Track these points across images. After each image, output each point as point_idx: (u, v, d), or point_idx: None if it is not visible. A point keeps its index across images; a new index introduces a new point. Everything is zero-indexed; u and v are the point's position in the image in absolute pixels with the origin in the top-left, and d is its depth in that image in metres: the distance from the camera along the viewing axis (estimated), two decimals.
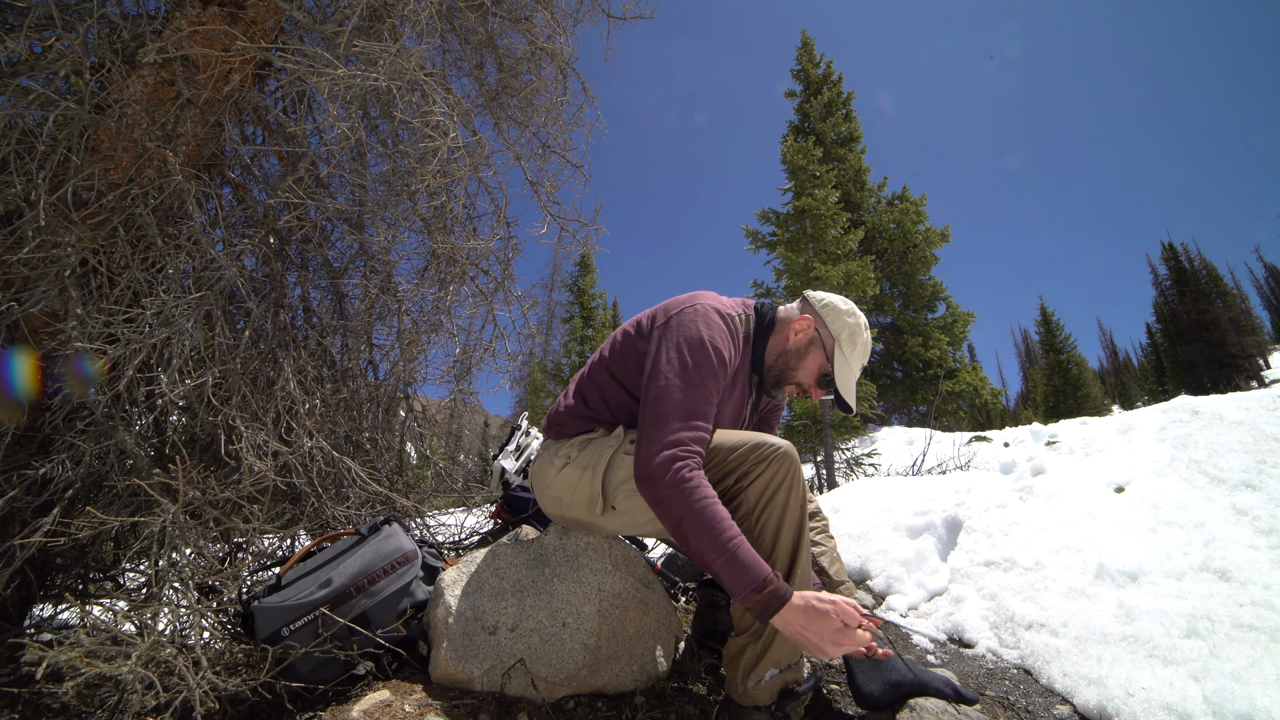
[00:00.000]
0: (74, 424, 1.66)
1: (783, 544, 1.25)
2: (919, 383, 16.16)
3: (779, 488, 1.25)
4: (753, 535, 1.25)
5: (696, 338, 1.30)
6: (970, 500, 2.62)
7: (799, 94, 18.88)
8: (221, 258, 1.89)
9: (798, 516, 1.26)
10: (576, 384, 1.53)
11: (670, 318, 1.36)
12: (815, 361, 1.47)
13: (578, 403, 1.48)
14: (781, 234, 13.39)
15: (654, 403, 1.25)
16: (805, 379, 1.48)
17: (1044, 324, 26.79)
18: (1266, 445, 2.45)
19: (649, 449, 1.20)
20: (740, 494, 1.27)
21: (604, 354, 1.49)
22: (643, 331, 1.42)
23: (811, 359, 1.47)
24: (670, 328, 1.34)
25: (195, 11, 1.99)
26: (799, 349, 1.47)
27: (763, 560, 1.14)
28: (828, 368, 1.47)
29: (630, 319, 1.51)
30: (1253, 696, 1.31)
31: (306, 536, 2.08)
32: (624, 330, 1.48)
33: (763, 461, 1.26)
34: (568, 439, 1.47)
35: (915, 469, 6.39)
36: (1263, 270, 44.16)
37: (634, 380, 1.41)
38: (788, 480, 1.26)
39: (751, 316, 1.51)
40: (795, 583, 1.24)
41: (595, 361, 1.51)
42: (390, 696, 1.26)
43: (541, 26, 2.70)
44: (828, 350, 1.47)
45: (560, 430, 1.49)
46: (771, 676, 1.23)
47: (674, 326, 1.33)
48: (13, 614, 1.74)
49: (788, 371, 1.49)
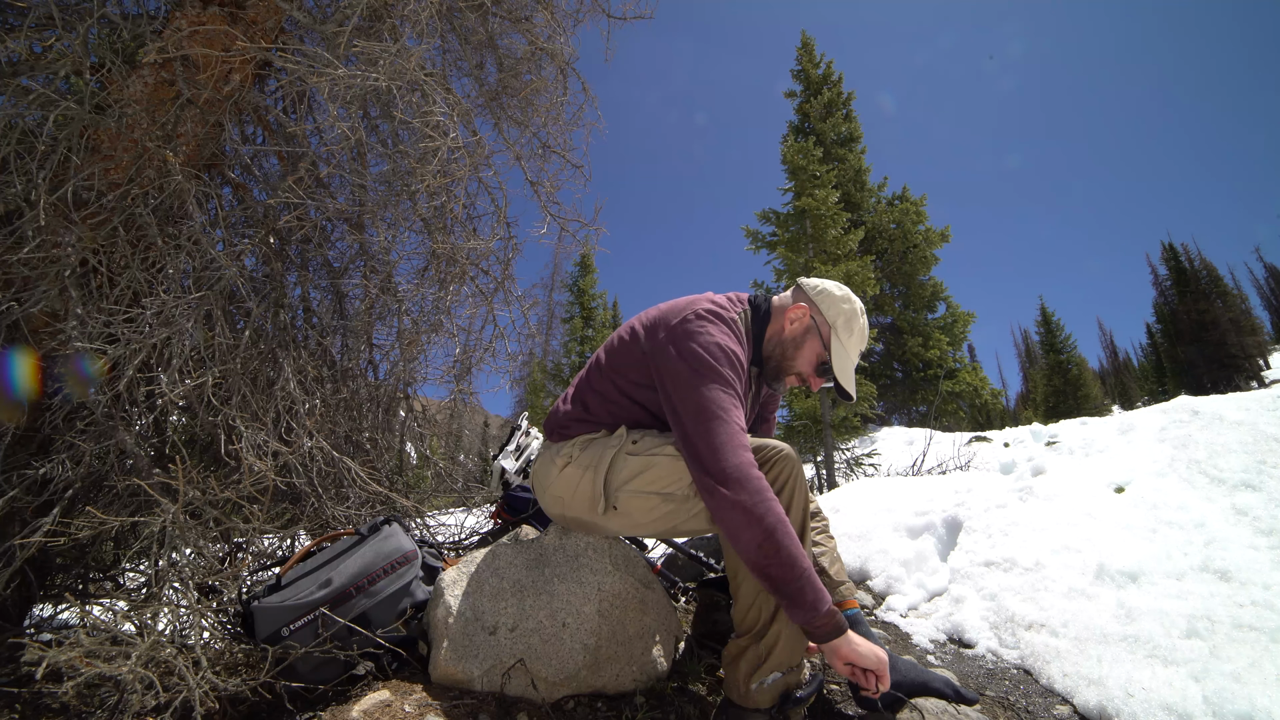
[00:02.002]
0: (74, 424, 1.66)
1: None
2: (919, 383, 16.17)
3: (780, 490, 1.25)
4: None
5: (715, 343, 1.30)
6: (970, 500, 2.62)
7: (799, 94, 18.89)
8: (221, 258, 1.89)
9: (800, 520, 1.26)
10: (575, 389, 1.53)
11: (678, 326, 1.34)
12: (813, 350, 1.47)
13: (577, 408, 1.49)
14: (782, 234, 13.39)
15: (697, 411, 1.23)
16: (804, 368, 1.48)
17: (1044, 324, 26.81)
18: (1266, 445, 2.45)
19: (719, 457, 1.18)
20: None
21: (601, 360, 1.49)
22: (639, 338, 1.41)
23: (809, 347, 1.47)
24: (683, 335, 1.32)
25: (195, 11, 1.99)
26: (795, 338, 1.47)
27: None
28: (825, 355, 1.46)
29: (625, 324, 1.50)
30: (1253, 697, 1.31)
31: (306, 536, 2.08)
32: (619, 336, 1.48)
33: (765, 464, 1.26)
34: (569, 440, 1.48)
35: (915, 469, 6.39)
36: (1263, 270, 44.19)
37: (633, 385, 1.41)
38: (790, 483, 1.26)
39: (748, 312, 1.50)
40: None
41: (593, 366, 1.50)
42: (390, 696, 1.26)
43: (541, 26, 2.70)
44: (824, 338, 1.46)
45: (562, 433, 1.50)
46: (774, 680, 1.22)
47: (688, 335, 1.32)
48: (13, 614, 1.74)
49: (786, 361, 1.48)
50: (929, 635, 1.94)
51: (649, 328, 1.40)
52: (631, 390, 1.42)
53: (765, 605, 1.24)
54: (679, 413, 1.27)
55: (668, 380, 1.30)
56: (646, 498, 1.35)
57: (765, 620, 1.23)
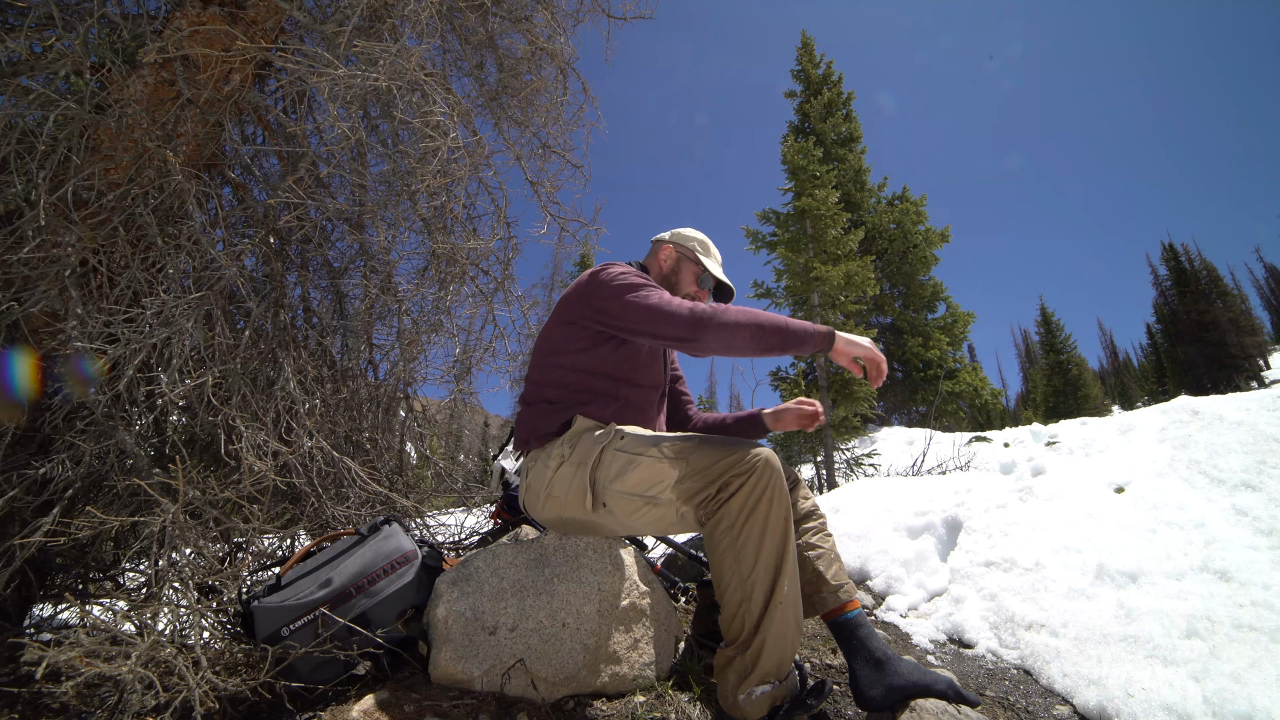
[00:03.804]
0: (74, 424, 1.66)
1: (763, 562, 1.24)
2: (919, 383, 16.16)
3: (759, 500, 1.25)
4: (734, 550, 1.25)
5: (625, 272, 1.55)
6: (970, 500, 2.62)
7: (799, 94, 18.87)
8: (221, 258, 1.89)
9: (779, 530, 1.25)
10: (528, 391, 1.65)
11: (590, 279, 1.56)
12: (689, 271, 1.80)
13: (543, 406, 1.58)
14: (782, 234, 13.38)
15: (638, 306, 1.46)
16: (689, 286, 1.79)
17: (1044, 324, 26.80)
18: (1266, 446, 2.45)
19: (677, 317, 1.41)
20: (722, 506, 1.27)
21: (544, 353, 1.64)
22: (568, 312, 1.60)
23: (685, 270, 1.80)
24: (599, 281, 1.54)
25: (195, 11, 1.99)
26: (673, 267, 1.80)
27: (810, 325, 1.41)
28: (699, 271, 1.80)
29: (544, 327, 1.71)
30: (1253, 697, 1.31)
31: (306, 536, 2.08)
32: (547, 326, 1.67)
33: (743, 474, 1.26)
34: (553, 438, 1.52)
35: (915, 469, 6.39)
36: (1263, 270, 44.21)
37: (579, 348, 1.57)
38: (768, 492, 1.25)
39: (635, 264, 1.80)
40: (779, 598, 1.23)
41: (539, 363, 1.64)
42: (390, 696, 1.26)
43: (541, 26, 2.70)
44: (693, 260, 1.81)
45: (536, 432, 1.55)
46: (762, 693, 1.22)
47: (602, 279, 1.54)
48: (13, 614, 1.73)
49: (673, 288, 1.78)
50: (929, 635, 1.94)
51: (568, 293, 1.61)
52: (573, 347, 1.58)
53: (749, 615, 1.24)
54: (627, 319, 1.48)
55: (605, 306, 1.51)
56: (630, 499, 1.38)
57: (750, 630, 1.24)
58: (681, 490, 1.32)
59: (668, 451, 1.36)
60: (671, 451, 1.36)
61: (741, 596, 1.24)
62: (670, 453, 1.35)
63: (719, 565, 1.28)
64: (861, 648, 1.35)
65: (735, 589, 1.25)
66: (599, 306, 1.52)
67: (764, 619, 1.23)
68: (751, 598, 1.24)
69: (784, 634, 1.24)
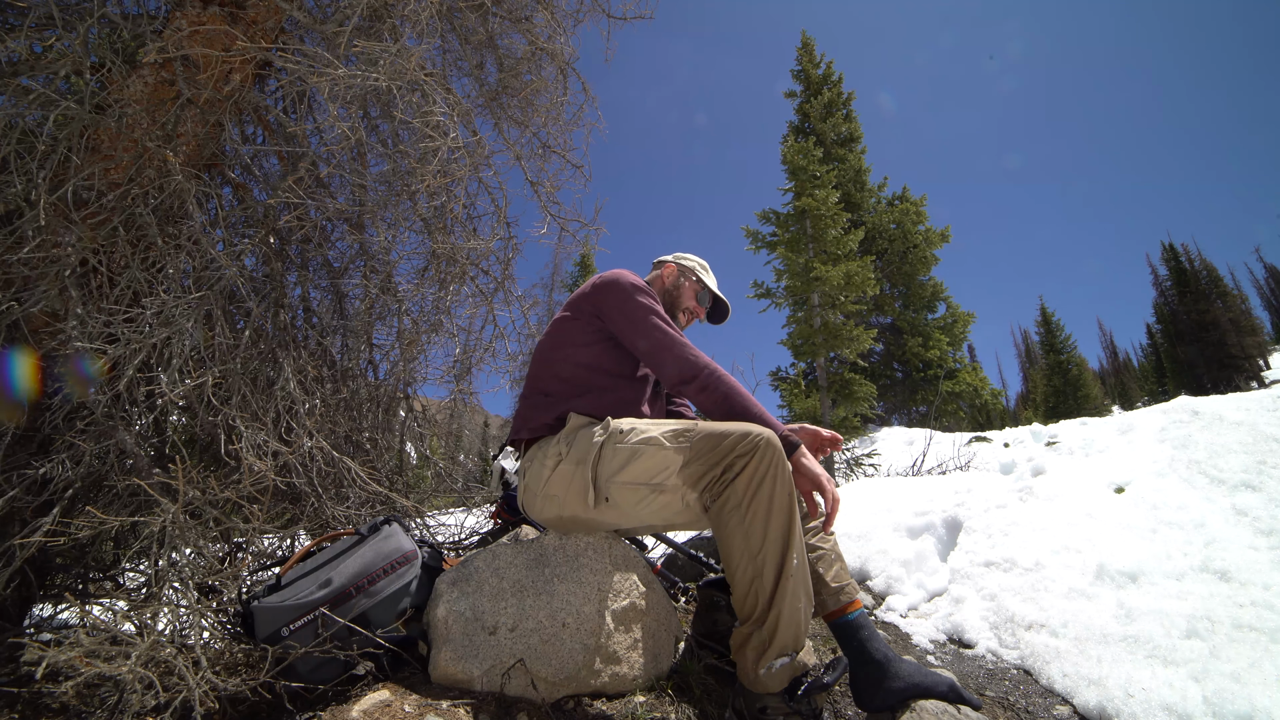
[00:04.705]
0: (74, 424, 1.66)
1: (771, 537, 1.26)
2: (919, 383, 16.16)
3: (764, 477, 1.27)
4: (743, 528, 1.27)
5: (644, 288, 1.65)
6: (970, 500, 2.62)
7: (799, 94, 18.86)
8: (221, 258, 1.89)
9: (785, 506, 1.27)
10: (527, 386, 1.70)
11: (607, 286, 1.64)
12: (689, 289, 1.93)
13: (539, 398, 1.63)
14: (782, 234, 13.39)
15: (650, 336, 1.56)
16: (688, 301, 1.92)
17: (1044, 324, 26.80)
18: (1266, 446, 2.45)
19: (680, 361, 1.50)
20: (728, 487, 1.29)
21: (545, 348, 1.69)
22: (575, 308, 1.68)
23: (686, 287, 1.93)
24: (615, 291, 1.63)
25: (195, 11, 1.99)
26: (675, 283, 1.93)
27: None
28: (698, 288, 1.93)
29: (549, 326, 1.78)
30: (1253, 697, 1.31)
31: (306, 536, 2.08)
32: (553, 323, 1.74)
33: (747, 454, 1.28)
34: (548, 436, 1.54)
35: (915, 469, 6.39)
36: (1263, 271, 44.23)
37: (581, 342, 1.64)
38: (772, 470, 1.28)
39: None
40: (790, 571, 1.25)
41: (541, 359, 1.69)
42: (390, 696, 1.26)
43: (541, 26, 2.70)
44: (691, 279, 1.94)
45: (530, 423, 1.59)
46: (782, 664, 1.25)
47: (619, 290, 1.62)
48: (13, 614, 1.73)
49: (674, 301, 1.91)
50: (929, 635, 1.94)
51: (581, 296, 1.68)
52: (578, 345, 1.64)
53: (761, 591, 1.26)
54: (640, 343, 1.57)
55: (619, 321, 1.61)
56: (635, 489, 1.39)
57: (764, 605, 1.26)
58: (687, 475, 1.35)
59: (670, 439, 1.38)
60: (674, 438, 1.38)
61: (753, 573, 1.26)
62: (672, 439, 1.38)
63: (728, 545, 1.30)
64: (863, 649, 1.36)
65: (746, 566, 1.27)
66: (615, 316, 1.62)
67: (776, 593, 1.25)
68: (763, 574, 1.26)
69: (797, 607, 1.26)
